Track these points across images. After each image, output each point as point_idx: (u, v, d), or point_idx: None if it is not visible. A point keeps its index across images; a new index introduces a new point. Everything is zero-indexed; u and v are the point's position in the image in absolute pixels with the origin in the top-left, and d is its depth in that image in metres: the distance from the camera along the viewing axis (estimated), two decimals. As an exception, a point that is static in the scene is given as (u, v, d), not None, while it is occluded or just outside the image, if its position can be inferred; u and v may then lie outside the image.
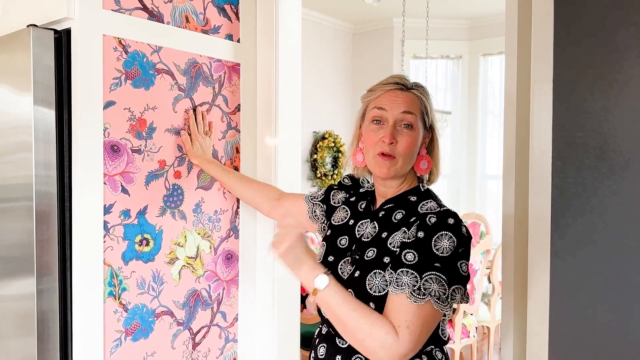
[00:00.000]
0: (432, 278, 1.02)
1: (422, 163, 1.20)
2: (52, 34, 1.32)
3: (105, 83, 1.36)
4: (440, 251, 1.04)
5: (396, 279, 1.05)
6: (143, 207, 1.46)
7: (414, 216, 1.13)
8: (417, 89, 1.20)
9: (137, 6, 1.43)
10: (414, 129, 1.16)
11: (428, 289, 1.02)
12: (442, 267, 1.03)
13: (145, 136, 1.46)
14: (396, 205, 1.19)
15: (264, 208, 1.55)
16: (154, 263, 1.49)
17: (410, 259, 1.05)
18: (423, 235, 1.06)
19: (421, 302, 1.01)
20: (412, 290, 1.02)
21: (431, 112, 1.20)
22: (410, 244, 1.07)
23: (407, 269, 1.04)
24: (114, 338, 1.41)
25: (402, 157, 1.16)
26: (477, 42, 5.52)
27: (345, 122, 5.67)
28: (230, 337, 1.72)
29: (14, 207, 1.38)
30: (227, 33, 1.67)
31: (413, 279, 1.03)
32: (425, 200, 1.16)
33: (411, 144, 1.16)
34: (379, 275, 1.10)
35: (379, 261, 1.12)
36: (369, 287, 1.10)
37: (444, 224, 1.06)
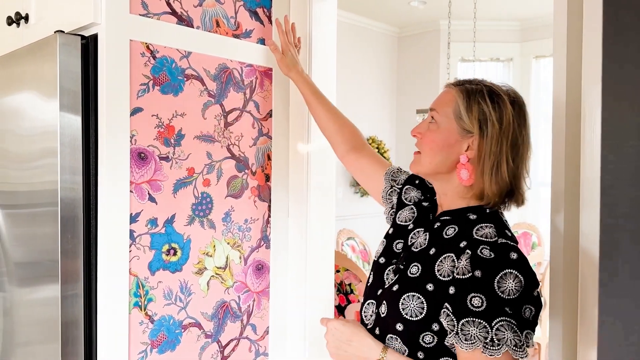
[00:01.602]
0: (504, 325, 0.92)
1: (462, 172, 1.07)
2: (78, 40, 1.31)
3: (133, 89, 1.34)
4: (507, 294, 0.93)
5: (462, 331, 0.95)
6: (171, 215, 1.43)
7: (464, 240, 1.03)
8: (459, 87, 1.09)
9: (166, 10, 1.41)
10: (438, 125, 1.08)
11: (502, 338, 0.92)
12: (513, 312, 0.93)
13: (173, 143, 1.43)
14: (452, 220, 1.09)
15: (340, 150, 1.47)
16: (182, 273, 1.46)
17: (477, 304, 0.94)
18: (481, 274, 0.95)
19: (498, 355, 0.92)
20: (484, 344, 0.93)
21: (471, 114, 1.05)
22: (470, 284, 0.95)
23: (474, 318, 0.94)
24: (140, 350, 1.38)
25: (424, 152, 1.10)
26: (529, 44, 5.30)
27: (389, 127, 5.56)
28: (260, 351, 1.66)
29: (39, 213, 1.37)
30: (259, 37, 1.63)
31: (483, 329, 0.93)
32: (485, 224, 1.04)
33: (431, 140, 1.08)
34: (417, 299, 1.02)
35: (421, 284, 1.03)
36: (402, 307, 1.03)
37: (507, 260, 0.95)
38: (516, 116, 1.06)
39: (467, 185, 1.08)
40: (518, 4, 4.77)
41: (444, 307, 0.99)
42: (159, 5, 1.39)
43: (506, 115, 1.05)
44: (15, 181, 1.49)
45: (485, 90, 1.06)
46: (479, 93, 1.06)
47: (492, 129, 1.04)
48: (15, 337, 1.54)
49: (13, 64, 1.51)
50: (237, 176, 1.59)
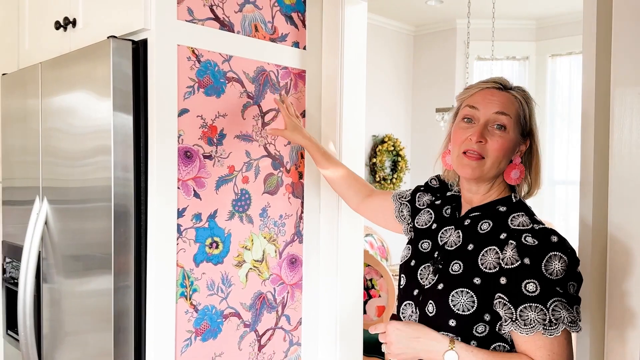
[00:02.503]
0: (558, 305, 0.99)
1: (514, 172, 1.13)
2: (130, 45, 1.39)
3: (180, 91, 1.42)
4: (555, 274, 0.99)
5: (521, 317, 1.00)
6: (213, 211, 1.51)
7: (503, 232, 1.08)
8: (517, 91, 1.14)
9: (210, 16, 1.48)
10: (507, 132, 1.10)
11: (559, 317, 0.98)
12: (562, 291, 1.00)
13: (215, 142, 1.51)
14: (483, 215, 1.14)
15: (354, 202, 1.54)
16: (223, 265, 1.54)
17: (532, 289, 0.99)
18: (530, 261, 1.00)
19: (557, 334, 0.99)
20: (544, 325, 0.99)
21: (531, 119, 1.14)
22: (522, 272, 1.00)
23: (530, 303, 0.99)
24: (185, 338, 1.46)
25: (491, 159, 1.09)
26: (545, 42, 5.31)
27: (405, 126, 5.61)
28: (294, 341, 1.74)
29: (91, 208, 1.46)
30: (294, 41, 1.70)
31: (540, 312, 0.99)
32: (516, 213, 1.10)
33: (502, 146, 1.09)
34: (466, 294, 1.06)
35: (468, 279, 1.07)
36: (453, 303, 1.07)
37: (549, 244, 1.01)
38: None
39: (516, 183, 1.14)
40: (534, 2, 4.79)
41: (496, 298, 1.03)
42: (203, 12, 1.47)
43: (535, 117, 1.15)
44: (65, 177, 1.57)
45: (528, 95, 1.15)
46: (529, 99, 1.14)
47: (537, 131, 1.15)
48: (64, 327, 1.63)
49: (64, 66, 1.59)
50: (273, 174, 1.66)
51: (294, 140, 1.58)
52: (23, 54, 1.94)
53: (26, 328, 1.67)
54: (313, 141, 1.59)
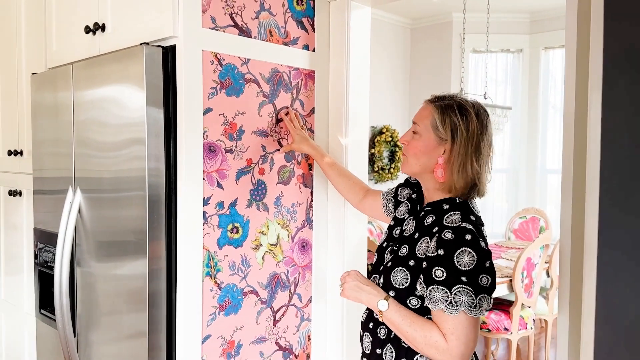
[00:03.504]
0: (461, 291, 1.19)
1: (438, 171, 1.32)
2: (160, 50, 1.55)
3: (205, 92, 1.58)
4: (463, 266, 1.20)
5: (429, 296, 1.23)
6: (234, 199, 1.67)
7: (437, 226, 1.28)
8: (435, 103, 1.35)
9: (230, 24, 1.64)
10: (420, 136, 1.34)
11: (458, 301, 1.19)
12: (468, 281, 1.19)
13: (235, 138, 1.67)
14: (431, 210, 1.35)
15: (355, 200, 1.76)
16: (242, 248, 1.71)
17: (439, 275, 1.21)
18: (443, 252, 1.21)
19: (456, 314, 1.20)
20: (445, 305, 1.20)
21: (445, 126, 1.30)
22: (435, 260, 1.22)
23: (438, 285, 1.21)
24: (210, 312, 1.63)
25: (409, 156, 1.36)
26: (538, 35, 5.47)
27: (402, 117, 5.77)
28: (305, 317, 1.92)
29: (127, 197, 1.62)
30: (304, 44, 1.86)
31: (444, 294, 1.20)
32: (453, 212, 1.28)
33: (414, 147, 1.35)
34: (402, 272, 1.30)
35: (406, 261, 1.31)
36: (393, 278, 1.32)
37: (462, 241, 1.21)
38: (479, 125, 1.31)
39: (441, 181, 1.33)
40: (528, -4, 4.94)
41: (419, 277, 1.27)
42: (225, 19, 1.62)
43: (471, 125, 1.30)
44: (99, 168, 1.73)
45: (455, 105, 1.32)
46: (450, 108, 1.31)
47: (460, 137, 1.30)
48: (98, 308, 1.79)
49: (97, 66, 1.74)
50: (286, 166, 1.83)
51: (301, 150, 1.79)
52: (51, 55, 2.09)
53: (62, 307, 1.84)
54: (319, 150, 1.80)
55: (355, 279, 1.36)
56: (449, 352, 1.21)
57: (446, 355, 1.22)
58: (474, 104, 1.33)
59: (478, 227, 1.26)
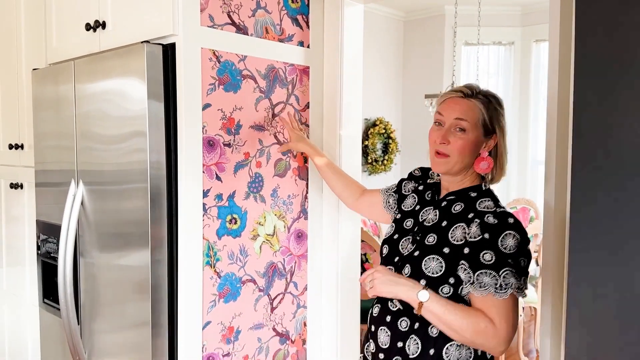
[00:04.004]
0: (509, 274, 1.21)
1: (482, 164, 1.34)
2: (160, 48, 1.60)
3: (203, 89, 1.64)
4: (508, 249, 1.21)
5: (477, 281, 1.23)
6: (232, 192, 1.74)
7: (471, 212, 1.30)
8: (479, 98, 1.34)
9: (227, 22, 1.69)
10: (467, 133, 1.32)
11: (508, 283, 1.21)
12: (513, 263, 1.21)
13: (233, 132, 1.73)
14: (457, 198, 1.36)
15: (349, 200, 1.78)
16: (241, 238, 1.77)
17: (488, 259, 1.22)
18: (489, 236, 1.22)
19: (505, 297, 1.21)
20: (495, 289, 1.21)
21: (494, 120, 1.34)
22: (481, 244, 1.23)
23: (486, 270, 1.21)
24: (210, 300, 1.70)
25: (454, 157, 1.33)
26: (530, 28, 5.54)
27: (396, 109, 5.83)
28: (301, 304, 1.99)
29: (129, 189, 1.68)
30: (299, 40, 1.92)
31: (493, 278, 1.21)
32: (484, 199, 1.32)
33: (462, 146, 1.32)
34: (436, 260, 1.30)
35: (438, 249, 1.31)
36: (424, 267, 1.31)
37: (506, 224, 1.23)
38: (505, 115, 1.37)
39: (485, 173, 1.36)
40: (519, -10, 5.00)
41: (460, 264, 1.26)
42: (222, 18, 1.68)
43: (504, 114, 1.37)
44: (101, 161, 1.79)
45: (492, 98, 1.36)
46: (492, 101, 1.35)
47: (502, 128, 1.36)
48: (101, 297, 1.86)
49: (98, 62, 1.79)
50: (282, 159, 1.90)
51: (298, 149, 1.85)
52: (51, 51, 2.14)
53: (67, 297, 1.90)
54: (316, 149, 1.85)
55: (386, 274, 1.33)
56: (498, 337, 1.21)
57: (495, 339, 1.22)
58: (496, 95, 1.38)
59: None
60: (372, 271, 1.35)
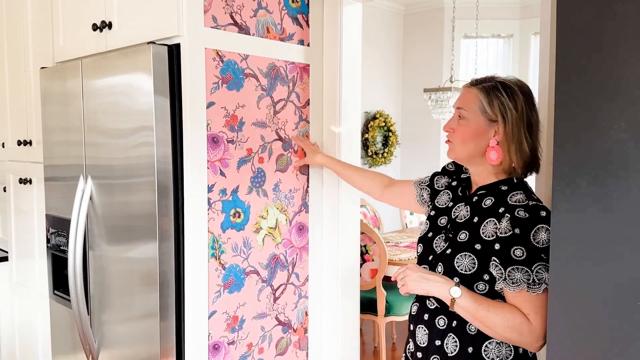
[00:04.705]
0: (541, 268, 1.17)
1: (492, 153, 1.30)
2: (165, 49, 1.66)
3: (207, 87, 1.70)
4: (541, 243, 1.18)
5: (509, 277, 1.20)
6: (236, 186, 1.81)
7: (502, 206, 1.26)
8: (481, 86, 1.32)
9: (230, 22, 1.75)
10: (467, 120, 1.33)
11: (541, 278, 1.17)
12: (546, 257, 1.16)
13: (236, 129, 1.79)
14: (487, 193, 1.33)
15: (376, 193, 1.80)
16: (244, 232, 1.84)
17: (519, 254, 1.19)
18: (520, 231, 1.19)
19: (539, 292, 1.18)
20: (528, 284, 1.18)
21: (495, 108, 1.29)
22: (512, 240, 1.19)
23: (517, 266, 1.19)
24: (215, 290, 1.77)
25: (458, 144, 1.35)
26: (528, 21, 5.57)
27: (396, 102, 5.88)
28: (302, 294, 2.06)
29: (137, 183, 1.74)
30: (300, 39, 1.97)
31: (525, 274, 1.18)
32: (515, 192, 1.27)
33: (462, 133, 1.33)
34: (468, 257, 1.27)
35: (470, 245, 1.28)
36: (457, 264, 1.29)
37: (538, 218, 1.19)
38: (527, 102, 1.30)
39: (496, 164, 1.31)
40: (518, -17, 5.03)
41: (492, 261, 1.24)
42: (225, 18, 1.74)
43: (519, 102, 1.29)
44: (109, 156, 1.85)
45: (499, 85, 1.30)
46: (495, 88, 1.30)
47: (511, 115, 1.28)
48: (110, 289, 1.93)
49: (105, 61, 1.85)
50: (284, 154, 1.96)
51: (315, 162, 1.94)
52: (58, 50, 2.20)
53: (77, 288, 1.98)
54: (331, 158, 1.93)
55: (417, 271, 1.31)
56: (534, 333, 1.19)
57: (531, 336, 1.19)
58: (516, 82, 1.32)
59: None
60: (404, 268, 1.34)
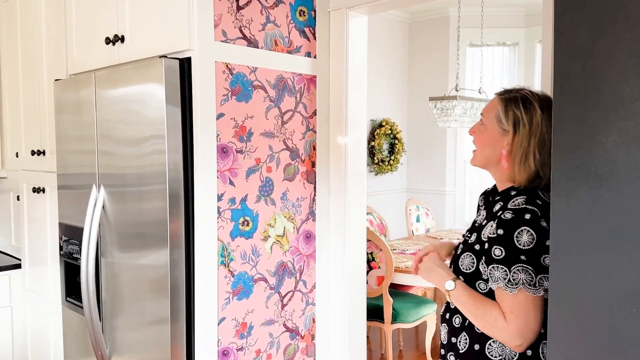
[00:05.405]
0: (519, 269, 1.21)
1: (503, 162, 1.34)
2: (177, 62, 1.72)
3: (217, 99, 1.75)
4: (522, 245, 1.21)
5: (490, 274, 1.26)
6: (244, 195, 1.85)
7: (501, 210, 1.29)
8: (502, 95, 1.36)
9: (239, 36, 1.80)
10: (485, 127, 1.37)
11: (517, 279, 1.21)
12: (528, 259, 1.20)
13: (245, 139, 1.84)
14: (500, 199, 1.36)
15: None
16: (253, 239, 1.89)
17: (498, 254, 1.24)
18: (503, 232, 1.23)
19: (515, 291, 1.21)
20: (505, 283, 1.22)
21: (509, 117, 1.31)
22: (495, 240, 1.25)
23: (497, 264, 1.24)
24: (224, 297, 1.82)
25: (478, 149, 1.40)
26: (534, 29, 5.61)
27: (401, 110, 5.93)
28: (310, 301, 2.10)
29: (149, 191, 1.79)
30: (307, 51, 2.02)
31: (503, 272, 1.22)
32: (519, 197, 1.28)
33: (480, 138, 1.38)
34: (469, 257, 1.34)
35: (472, 246, 1.35)
36: (460, 264, 1.36)
37: (522, 220, 1.22)
38: (545, 118, 1.29)
39: (505, 172, 1.35)
40: (523, -9, 5.08)
41: (481, 259, 1.30)
42: (234, 32, 1.79)
43: (535, 117, 1.30)
44: (121, 164, 1.90)
45: (519, 97, 1.33)
46: (514, 100, 1.33)
47: (523, 129, 1.30)
48: (122, 295, 1.97)
49: (118, 74, 1.91)
50: (291, 164, 2.00)
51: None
52: (72, 62, 2.26)
53: (89, 294, 2.02)
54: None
55: (430, 260, 1.41)
56: (507, 330, 1.22)
57: (504, 333, 1.23)
58: (540, 97, 1.33)
59: (544, 210, 1.24)
60: (424, 253, 1.44)
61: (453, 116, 4.10)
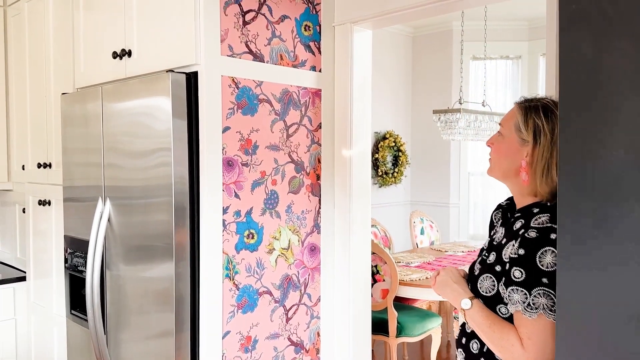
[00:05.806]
0: (540, 293, 1.13)
1: (522, 174, 1.26)
2: (184, 77, 1.73)
3: (223, 113, 1.76)
4: (545, 266, 1.13)
5: (509, 297, 1.18)
6: (249, 208, 1.85)
7: (523, 228, 1.22)
8: (521, 104, 1.29)
9: (245, 51, 1.82)
10: (504, 137, 1.31)
11: (537, 303, 1.13)
12: (550, 282, 1.12)
13: (251, 152, 1.85)
14: (521, 216, 1.27)
15: None
16: (258, 252, 1.89)
17: (518, 276, 1.16)
18: (524, 252, 1.16)
19: (534, 316, 1.14)
20: (524, 307, 1.15)
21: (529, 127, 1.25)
22: (516, 261, 1.17)
23: (517, 287, 1.16)
24: (229, 310, 1.81)
25: (493, 159, 1.33)
26: (537, 42, 5.63)
27: (405, 123, 5.94)
28: (314, 315, 2.09)
29: (155, 203, 1.79)
30: (312, 65, 2.04)
31: (523, 296, 1.15)
32: (542, 214, 1.20)
33: (497, 149, 1.32)
34: (489, 279, 1.26)
35: (492, 267, 1.27)
36: (479, 286, 1.28)
37: (546, 240, 1.15)
38: None
39: (525, 185, 1.27)
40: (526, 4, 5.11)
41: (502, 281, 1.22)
42: (240, 47, 1.81)
43: (557, 127, 1.20)
44: (127, 176, 1.91)
45: (540, 106, 1.26)
46: (534, 109, 1.26)
47: (544, 139, 1.23)
48: (127, 308, 1.97)
49: (125, 87, 1.93)
50: (296, 176, 2.01)
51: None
52: (79, 76, 2.28)
53: (94, 307, 2.02)
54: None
55: (447, 274, 1.34)
56: (524, 358, 1.16)
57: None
58: None
59: None
60: (441, 269, 1.38)
61: (457, 129, 4.12)
